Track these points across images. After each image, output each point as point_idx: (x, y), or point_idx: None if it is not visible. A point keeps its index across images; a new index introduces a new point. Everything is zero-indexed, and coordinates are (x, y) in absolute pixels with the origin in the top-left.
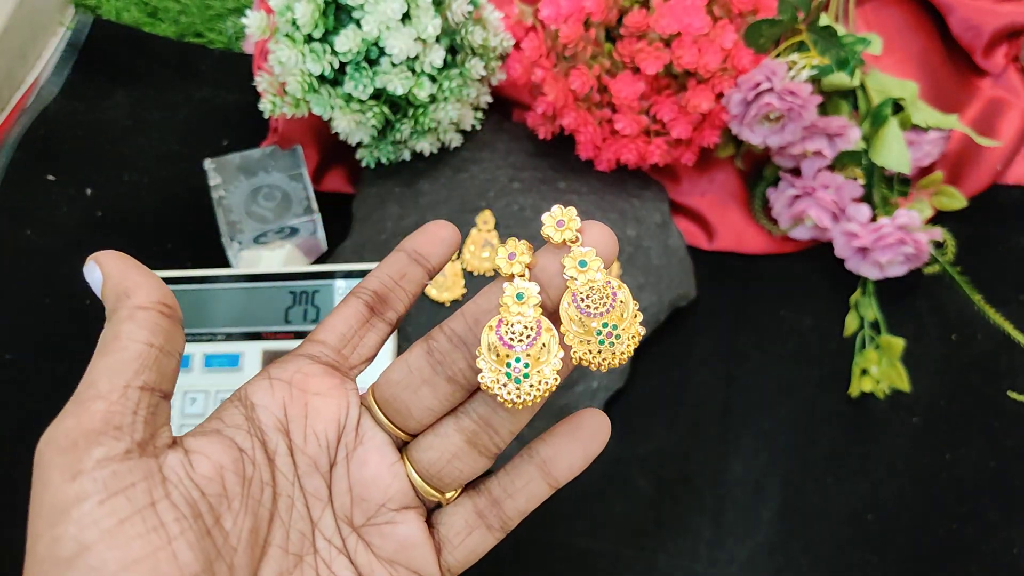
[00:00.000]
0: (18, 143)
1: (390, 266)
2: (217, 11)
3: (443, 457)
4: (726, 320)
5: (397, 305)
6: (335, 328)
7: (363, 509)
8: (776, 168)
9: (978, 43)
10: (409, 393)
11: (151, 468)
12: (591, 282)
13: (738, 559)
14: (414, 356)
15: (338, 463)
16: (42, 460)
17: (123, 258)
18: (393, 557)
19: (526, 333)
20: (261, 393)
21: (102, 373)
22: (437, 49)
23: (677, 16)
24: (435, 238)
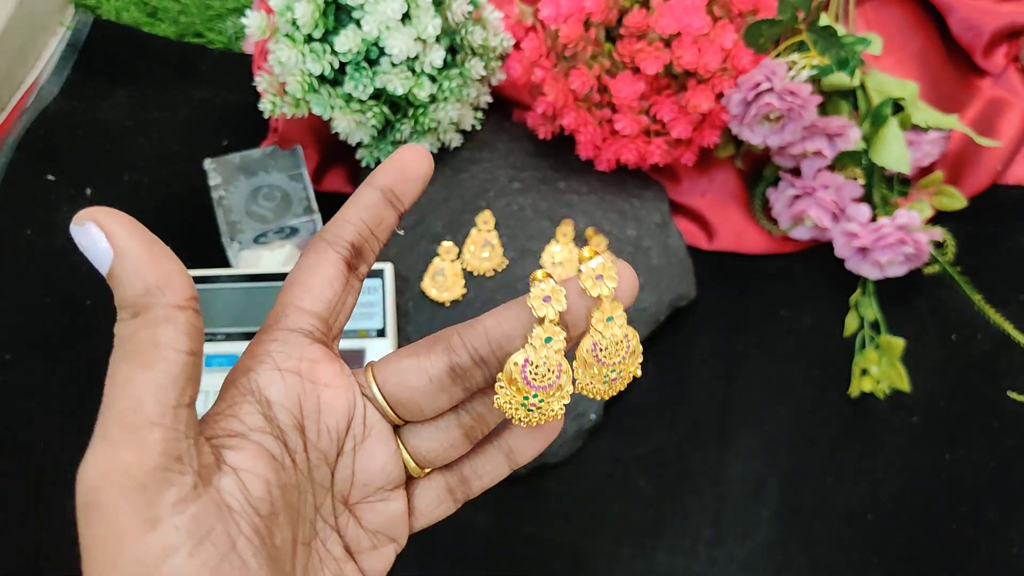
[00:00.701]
0: (18, 143)
1: (366, 210)
2: (217, 11)
3: (441, 447)
4: (726, 320)
5: (369, 257)
6: (321, 294)
7: (362, 492)
8: (776, 168)
9: (978, 43)
10: (427, 399)
11: (219, 502)
12: (613, 336)
13: (737, 558)
14: (435, 367)
15: (345, 453)
16: (102, 502)
17: (137, 227)
18: (378, 528)
19: (548, 377)
20: (275, 388)
21: (148, 391)
22: (437, 49)
23: (677, 16)
24: (412, 175)
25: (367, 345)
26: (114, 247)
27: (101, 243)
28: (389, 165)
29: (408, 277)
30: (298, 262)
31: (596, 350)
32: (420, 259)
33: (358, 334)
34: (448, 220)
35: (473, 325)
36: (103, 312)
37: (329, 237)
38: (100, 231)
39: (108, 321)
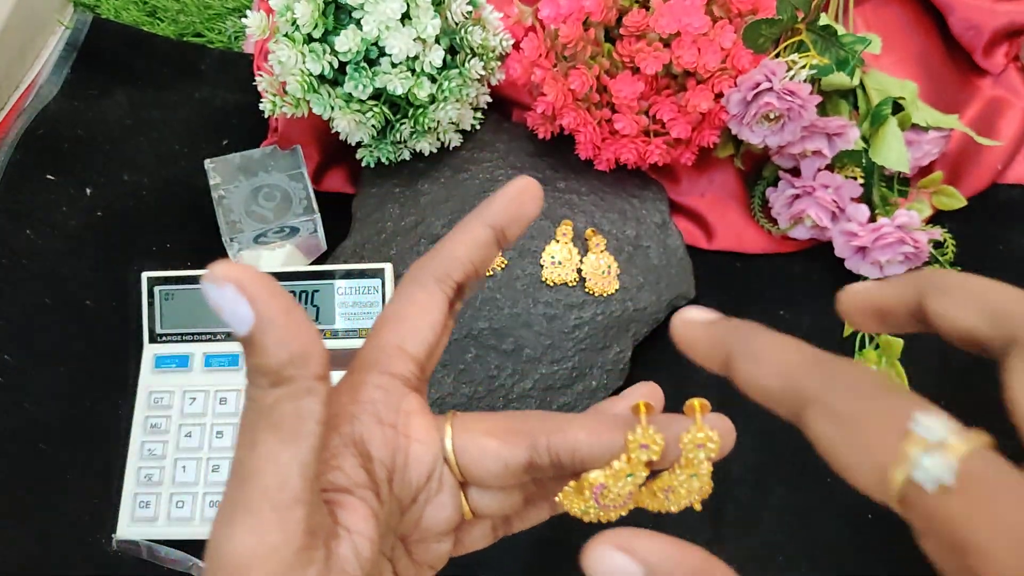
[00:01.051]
0: (18, 143)
1: (476, 249)
2: (217, 11)
3: (500, 509)
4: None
5: (468, 294)
6: (426, 339)
7: (421, 534)
8: (775, 168)
9: (978, 43)
10: (496, 480)
11: (343, 572)
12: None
13: (737, 559)
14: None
15: (417, 503)
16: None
17: (281, 296)
18: (425, 562)
19: (616, 501)
20: (376, 443)
21: (294, 469)
22: (437, 49)
23: (676, 16)
24: (524, 217)
25: None
26: (257, 313)
27: (242, 308)
28: (505, 202)
29: None
30: (402, 294)
31: (667, 491)
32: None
33: (358, 334)
34: (448, 220)
35: (563, 430)
36: (103, 312)
37: (439, 274)
38: (241, 295)
39: (108, 321)
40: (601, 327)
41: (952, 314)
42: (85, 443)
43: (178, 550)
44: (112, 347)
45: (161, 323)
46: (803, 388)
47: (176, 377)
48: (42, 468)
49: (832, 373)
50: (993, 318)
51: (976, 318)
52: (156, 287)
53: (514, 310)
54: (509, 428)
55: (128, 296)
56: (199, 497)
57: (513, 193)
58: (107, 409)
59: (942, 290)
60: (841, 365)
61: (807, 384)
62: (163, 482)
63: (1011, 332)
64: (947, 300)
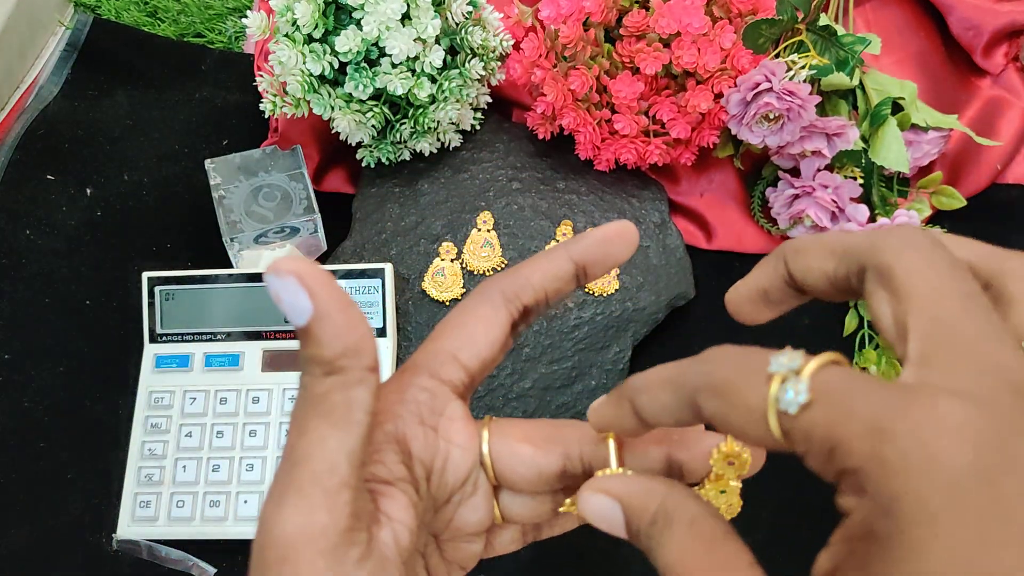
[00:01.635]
0: (18, 143)
1: (553, 280)
2: (217, 11)
3: (530, 516)
4: (725, 319)
5: (531, 320)
6: (481, 353)
7: (453, 534)
8: (775, 168)
9: (978, 43)
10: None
11: (383, 557)
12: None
13: None
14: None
15: (451, 503)
16: (300, 560)
17: (339, 291)
18: (456, 561)
19: None
20: (417, 443)
21: (343, 454)
22: (437, 49)
23: (676, 16)
24: (611, 259)
25: None
26: (315, 305)
27: (302, 300)
28: (595, 241)
29: (408, 277)
30: (468, 305)
31: None
32: (420, 259)
33: None
34: (448, 220)
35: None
36: (103, 312)
37: (509, 294)
38: (301, 287)
39: (108, 321)
40: (601, 327)
41: (810, 266)
42: (85, 443)
43: (178, 550)
44: (112, 347)
45: (161, 323)
46: (687, 386)
47: (176, 377)
48: (42, 468)
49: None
50: (841, 256)
51: (828, 262)
52: (156, 287)
53: None
54: (545, 436)
55: (128, 296)
56: (199, 497)
57: (606, 234)
58: (107, 409)
59: (797, 250)
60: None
61: (687, 380)
62: (163, 482)
63: (858, 262)
64: (803, 256)
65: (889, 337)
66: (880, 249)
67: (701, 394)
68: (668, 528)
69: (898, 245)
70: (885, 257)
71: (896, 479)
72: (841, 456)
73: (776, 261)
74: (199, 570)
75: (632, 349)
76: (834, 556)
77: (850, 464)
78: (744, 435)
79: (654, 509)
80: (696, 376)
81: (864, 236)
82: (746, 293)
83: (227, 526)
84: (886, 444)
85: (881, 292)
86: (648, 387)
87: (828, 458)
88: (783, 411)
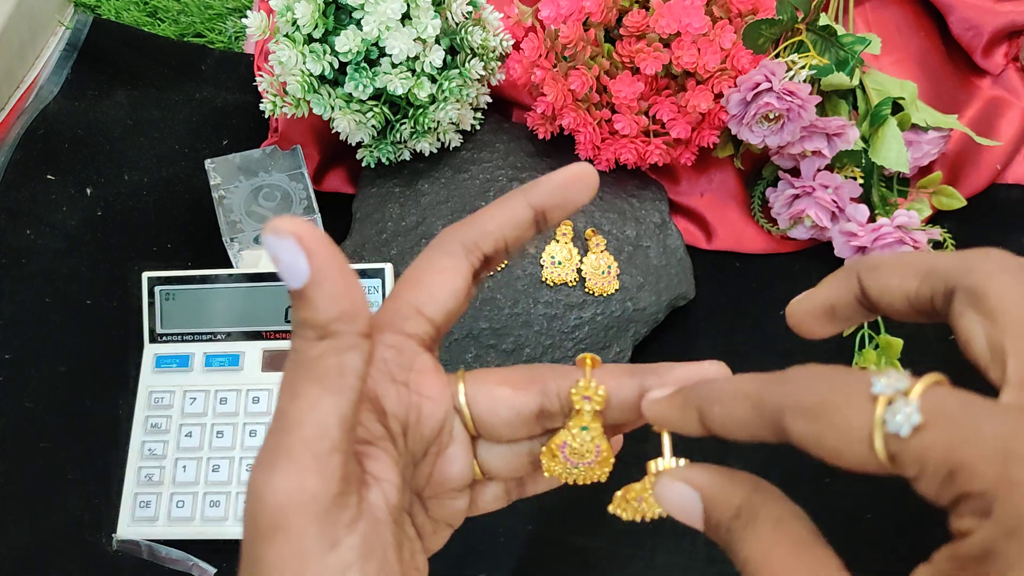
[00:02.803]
0: (18, 143)
1: (511, 226)
2: (217, 11)
3: (508, 467)
4: (725, 320)
5: (495, 267)
6: (445, 304)
7: (435, 490)
8: (775, 168)
9: (978, 43)
10: (509, 429)
11: (374, 517)
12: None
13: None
14: (526, 406)
15: (428, 456)
16: (291, 526)
17: (335, 251)
18: (442, 519)
19: (587, 457)
20: (390, 400)
21: (334, 419)
22: (437, 49)
23: (676, 16)
24: (571, 202)
25: None
26: (312, 269)
27: (300, 262)
28: (552, 185)
29: None
30: (427, 257)
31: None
32: None
33: None
34: (448, 220)
35: (572, 373)
36: (103, 312)
37: (468, 243)
38: (300, 248)
39: (108, 321)
40: (601, 327)
41: (889, 284)
42: (85, 442)
43: (178, 550)
44: (112, 347)
45: (161, 323)
46: (771, 404)
47: (176, 377)
48: (42, 467)
49: (789, 381)
50: (925, 276)
51: (911, 281)
52: (156, 287)
53: (514, 310)
54: (521, 376)
55: (128, 296)
56: (199, 497)
57: (564, 177)
58: (107, 409)
59: (875, 267)
60: (793, 372)
61: (773, 398)
62: (163, 482)
63: (944, 283)
64: (882, 274)
65: (982, 360)
66: (972, 271)
67: (789, 415)
68: (753, 524)
69: (991, 268)
70: (977, 279)
71: None
72: (964, 479)
73: (848, 277)
74: (199, 570)
75: (632, 349)
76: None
77: (974, 487)
78: (841, 458)
79: (737, 503)
80: (783, 396)
81: (952, 258)
82: (811, 308)
83: (227, 526)
84: (1016, 466)
85: (973, 314)
86: (723, 399)
87: (946, 481)
88: (892, 433)
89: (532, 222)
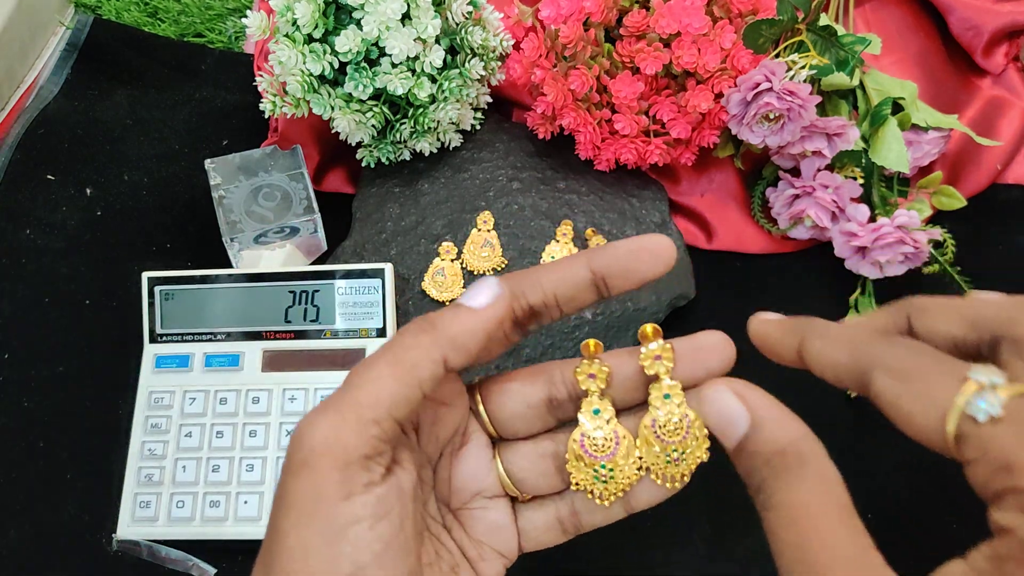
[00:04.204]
0: (18, 143)
1: (565, 284)
2: (217, 11)
3: (533, 471)
4: (725, 320)
5: (544, 321)
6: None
7: (459, 496)
8: (775, 168)
9: (978, 43)
10: (523, 422)
11: (399, 491)
12: (671, 414)
13: (737, 557)
14: (535, 396)
15: (444, 456)
16: (317, 466)
17: None
18: (482, 537)
19: (607, 445)
20: None
21: (387, 395)
22: (437, 49)
23: (676, 16)
24: (636, 273)
25: (367, 344)
26: None
27: None
28: (619, 252)
29: (408, 277)
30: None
31: (655, 427)
32: (420, 259)
33: (359, 333)
34: (448, 220)
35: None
36: (103, 312)
37: (516, 290)
38: None
39: (108, 321)
40: (601, 327)
41: (937, 328)
42: (85, 443)
43: (178, 550)
44: (112, 347)
45: (161, 323)
46: (869, 355)
47: (176, 377)
48: (42, 468)
49: (893, 341)
50: (972, 324)
51: (958, 328)
52: (156, 287)
53: None
54: (528, 371)
55: (128, 296)
56: (199, 497)
57: (632, 247)
58: (107, 409)
59: (924, 309)
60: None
61: (872, 351)
62: (163, 482)
63: (992, 332)
64: (930, 317)
65: None
66: (1018, 323)
67: (880, 370)
68: (800, 471)
69: None
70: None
71: None
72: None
73: (897, 314)
74: (199, 570)
75: None
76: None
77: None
78: (911, 423)
79: (787, 442)
80: (882, 352)
81: (999, 308)
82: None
83: (227, 526)
84: None
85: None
86: (826, 337)
87: (1000, 471)
88: (970, 415)
89: (590, 285)
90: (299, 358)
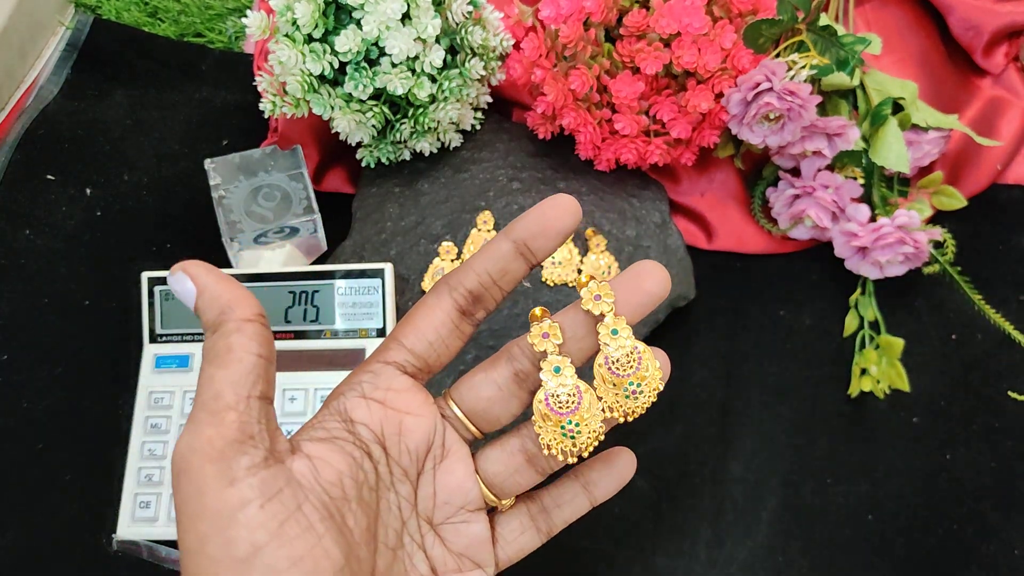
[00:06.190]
0: (18, 143)
1: (492, 260)
2: (217, 11)
3: (506, 471)
4: (725, 320)
5: (489, 304)
6: (424, 335)
7: (444, 511)
8: (775, 168)
9: (978, 43)
10: (500, 406)
11: (288, 475)
12: (621, 347)
13: (737, 560)
14: (501, 376)
15: (425, 472)
16: (191, 467)
17: (213, 269)
18: (462, 551)
19: (571, 400)
20: (359, 411)
21: (225, 385)
22: (437, 49)
23: (677, 16)
24: (551, 229)
25: (367, 345)
26: (195, 284)
27: (186, 283)
28: (530, 218)
29: (408, 277)
30: (419, 300)
31: (609, 363)
32: (420, 259)
33: (359, 334)
34: (448, 220)
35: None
36: (103, 312)
37: (452, 282)
38: (186, 276)
39: (108, 321)
40: None
41: None
42: (85, 443)
43: (178, 550)
44: (112, 347)
45: (161, 323)
46: None
47: (176, 377)
48: (41, 468)
49: None
50: None
51: None
52: (156, 287)
53: (514, 311)
54: (490, 359)
55: (128, 296)
56: None
57: (540, 208)
58: (107, 409)
59: None
60: None
61: None
62: (163, 482)
63: None
64: None
65: None
66: None
67: None
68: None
69: None
70: None
71: None
72: None
73: None
74: None
75: None
76: None
77: None
78: None
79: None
80: None
81: None
82: None
83: None
84: None
85: None
86: None
87: None
88: None
89: (516, 255)
90: (299, 358)
